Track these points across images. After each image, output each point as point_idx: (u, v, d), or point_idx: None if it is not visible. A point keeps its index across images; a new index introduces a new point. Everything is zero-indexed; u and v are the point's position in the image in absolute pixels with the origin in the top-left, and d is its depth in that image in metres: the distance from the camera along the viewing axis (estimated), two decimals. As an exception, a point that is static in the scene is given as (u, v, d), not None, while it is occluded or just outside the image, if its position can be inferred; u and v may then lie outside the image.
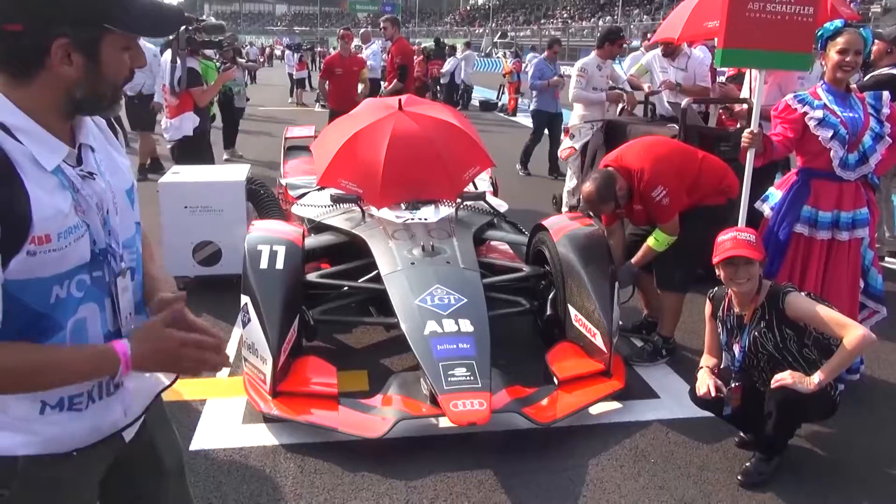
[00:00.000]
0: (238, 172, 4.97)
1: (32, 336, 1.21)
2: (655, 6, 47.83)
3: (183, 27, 5.17)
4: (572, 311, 3.54)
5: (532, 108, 9.32)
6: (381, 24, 8.37)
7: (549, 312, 3.71)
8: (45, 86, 1.21)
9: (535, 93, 9.14)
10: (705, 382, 2.81)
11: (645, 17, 46.33)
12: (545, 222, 3.93)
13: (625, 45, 7.60)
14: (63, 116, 1.26)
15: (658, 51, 6.31)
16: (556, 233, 3.75)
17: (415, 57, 10.86)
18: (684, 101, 4.97)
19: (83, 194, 1.25)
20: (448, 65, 16.82)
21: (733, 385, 2.78)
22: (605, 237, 3.80)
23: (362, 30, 13.53)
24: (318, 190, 5.00)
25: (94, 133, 1.36)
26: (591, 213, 4.11)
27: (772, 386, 2.63)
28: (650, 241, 3.69)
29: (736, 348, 2.87)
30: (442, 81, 17.39)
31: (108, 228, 1.30)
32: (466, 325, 3.15)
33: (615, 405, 3.30)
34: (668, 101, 5.98)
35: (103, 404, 1.34)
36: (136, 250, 1.42)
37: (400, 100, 4.63)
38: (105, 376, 1.29)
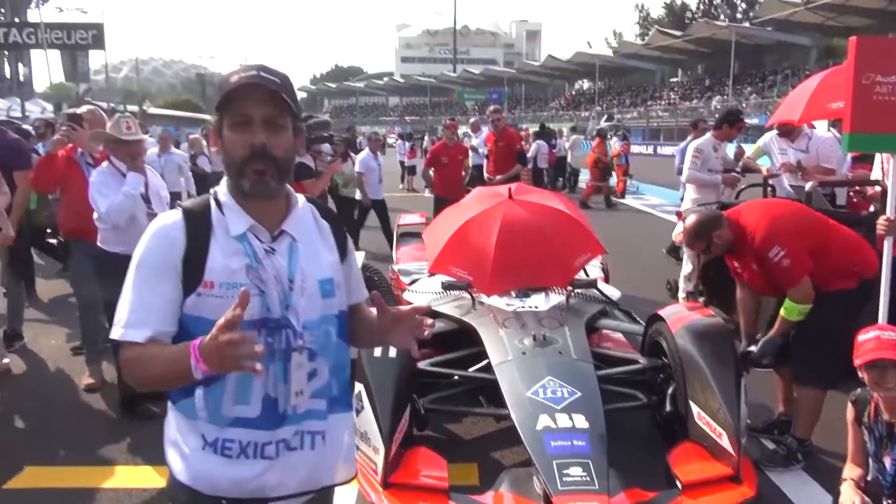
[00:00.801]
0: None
1: None
2: (768, 84, 46.77)
3: None
4: (694, 409, 3.33)
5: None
6: (489, 115, 8.68)
7: (668, 409, 3.51)
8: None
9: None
10: (850, 499, 2.53)
11: (755, 95, 45.33)
12: (662, 312, 3.78)
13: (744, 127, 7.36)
14: (242, 196, 1.52)
15: (774, 132, 6.11)
16: (674, 323, 3.60)
17: (522, 143, 11.06)
18: (809, 184, 4.73)
19: (263, 264, 1.49)
20: (532, 149, 16.72)
21: None
22: (728, 328, 3.60)
23: (472, 119, 14.02)
24: (429, 277, 5.09)
25: (304, 227, 1.59)
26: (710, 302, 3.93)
27: None
28: (782, 311, 3.46)
29: (887, 460, 2.58)
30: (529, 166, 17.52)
31: (288, 303, 1.49)
32: (581, 421, 3.03)
33: (746, 514, 3.03)
34: (789, 184, 5.72)
35: (253, 463, 1.48)
36: (321, 335, 1.55)
37: (510, 188, 4.70)
38: (187, 371, 1.35)
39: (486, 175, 8.78)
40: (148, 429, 4.02)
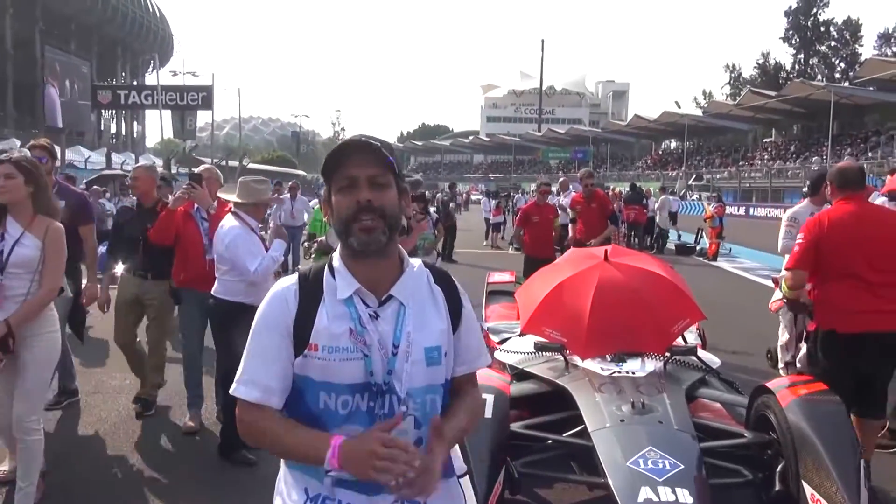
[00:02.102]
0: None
1: (307, 424, 1.52)
2: (870, 146, 44.73)
3: None
4: (808, 489, 3.12)
5: None
6: (581, 178, 8.70)
7: (778, 487, 3.30)
8: None
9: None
10: None
11: (858, 156, 43.37)
12: (770, 384, 3.60)
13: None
14: (352, 256, 1.55)
15: (884, 198, 5.82)
16: (784, 397, 3.41)
17: (613, 205, 10.98)
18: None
19: (367, 328, 1.51)
20: (659, 202, 16.51)
21: None
22: (844, 406, 3.38)
23: (561, 179, 14.10)
24: (520, 336, 5.06)
25: (415, 291, 1.59)
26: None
27: None
28: None
29: None
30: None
31: (391, 369, 1.51)
32: (685, 496, 2.90)
33: None
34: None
35: None
36: (426, 403, 1.55)
37: (606, 250, 4.66)
38: (318, 459, 1.44)
39: (573, 237, 8.58)
40: (245, 475, 4.13)
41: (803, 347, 5.24)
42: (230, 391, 1.54)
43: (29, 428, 3.32)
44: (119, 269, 5.38)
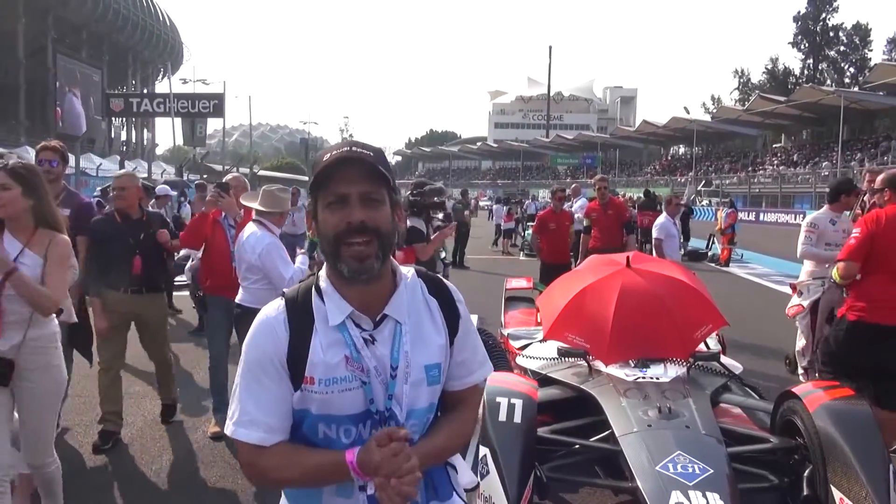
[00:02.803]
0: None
1: None
2: (881, 150, 44.55)
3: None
4: (836, 494, 3.14)
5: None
6: (595, 183, 8.72)
7: (805, 492, 3.32)
8: None
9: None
10: None
11: (868, 161, 43.18)
12: (796, 389, 3.63)
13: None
14: (341, 280, 1.44)
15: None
16: (811, 402, 3.43)
17: (630, 210, 11.00)
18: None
19: (363, 354, 1.42)
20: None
21: None
22: (871, 411, 3.40)
23: (574, 185, 14.13)
24: (541, 342, 5.10)
25: (411, 306, 1.49)
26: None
27: None
28: None
29: None
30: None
31: (391, 392, 1.43)
32: (716, 500, 2.93)
33: None
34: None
35: None
36: (424, 423, 1.50)
37: (628, 257, 4.70)
38: (344, 479, 1.40)
39: (587, 246, 8.36)
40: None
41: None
42: (226, 431, 1.46)
43: (43, 464, 3.09)
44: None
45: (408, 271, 1.55)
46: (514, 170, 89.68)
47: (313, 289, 1.47)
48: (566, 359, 4.53)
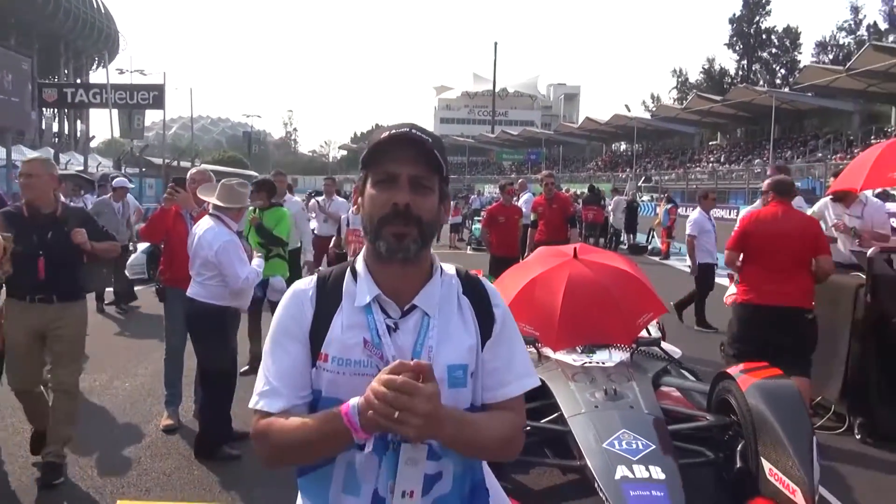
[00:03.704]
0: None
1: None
2: (809, 149, 46.63)
3: None
4: (766, 465, 3.40)
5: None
6: (542, 179, 8.94)
7: (738, 465, 3.58)
8: None
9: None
10: None
11: (798, 159, 45.18)
12: (731, 371, 3.89)
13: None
14: (378, 260, 1.39)
15: (829, 198, 6.23)
16: (743, 382, 3.69)
17: (574, 205, 11.29)
18: (871, 250, 4.84)
19: (383, 341, 1.36)
20: (613, 203, 17.14)
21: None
22: (798, 388, 3.68)
23: (520, 179, 14.39)
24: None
25: (443, 301, 1.42)
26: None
27: None
28: None
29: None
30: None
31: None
32: (658, 473, 3.14)
33: (823, 572, 3.07)
34: (849, 249, 5.81)
35: None
36: None
37: (575, 248, 4.90)
38: (344, 438, 1.27)
39: (534, 240, 8.54)
40: (228, 468, 4.23)
41: None
42: (250, 405, 1.41)
43: None
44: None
45: (449, 268, 1.49)
46: (460, 165, 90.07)
47: (348, 269, 1.45)
48: (517, 346, 4.69)
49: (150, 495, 3.93)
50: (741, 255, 5.00)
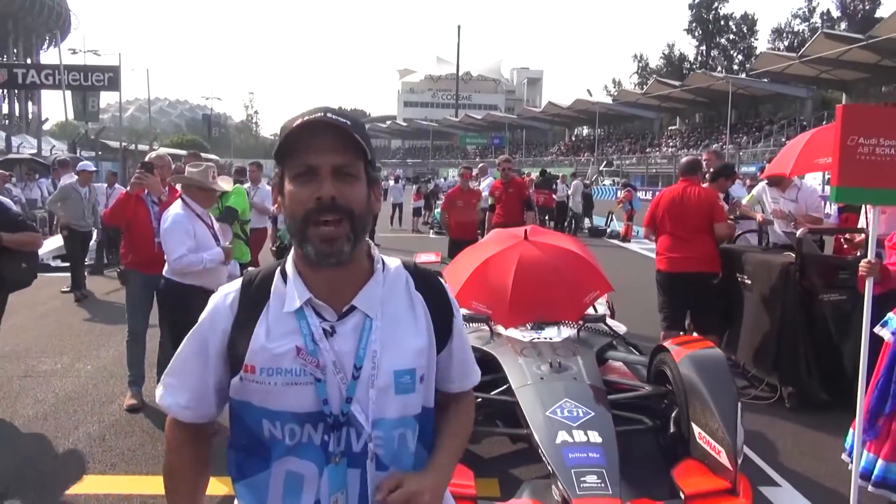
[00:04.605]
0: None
1: (250, 450, 1.32)
2: (764, 133, 47.84)
3: None
4: (696, 429, 3.69)
5: None
6: (499, 164, 9.14)
7: (672, 430, 3.87)
8: None
9: None
10: None
11: (753, 144, 46.34)
12: (666, 344, 4.17)
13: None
14: (308, 263, 1.30)
15: (764, 182, 6.58)
16: (677, 354, 3.98)
17: (529, 190, 11.50)
18: (800, 231, 5.17)
19: (319, 347, 1.26)
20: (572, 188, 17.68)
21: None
22: (726, 358, 3.98)
23: (480, 164, 14.58)
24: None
25: (388, 300, 1.33)
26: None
27: None
28: None
29: None
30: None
31: (350, 395, 1.26)
32: (595, 437, 3.40)
33: (742, 524, 3.36)
34: (782, 231, 6.16)
35: None
36: (394, 439, 1.30)
37: (526, 230, 5.13)
38: None
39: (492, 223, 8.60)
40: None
41: None
42: (156, 394, 1.41)
43: None
44: None
45: (391, 262, 1.39)
46: (423, 149, 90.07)
47: (278, 270, 1.34)
48: (470, 324, 4.92)
49: (116, 470, 4.07)
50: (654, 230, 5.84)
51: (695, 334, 5.39)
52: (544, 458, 3.39)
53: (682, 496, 3.36)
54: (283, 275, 1.33)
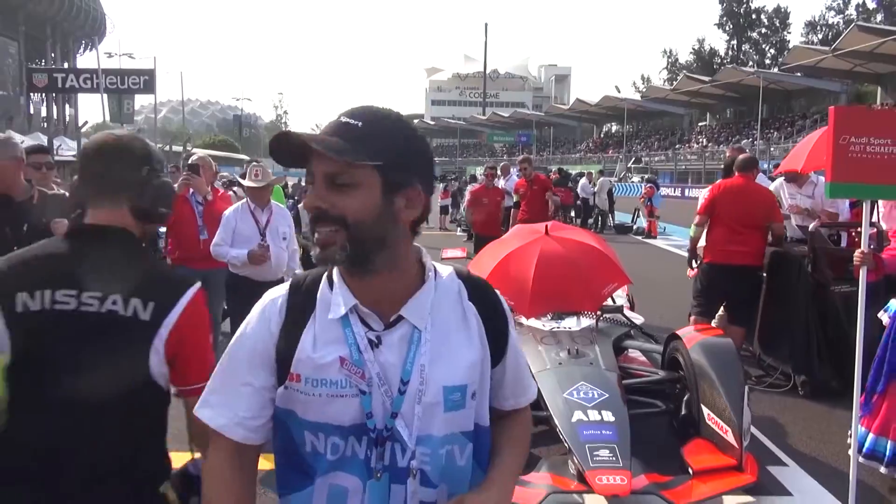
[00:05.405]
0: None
1: (293, 465, 1.27)
2: (797, 129, 47.18)
3: None
4: (705, 411, 3.93)
5: None
6: (519, 164, 9.41)
7: (683, 412, 4.11)
8: None
9: None
10: None
11: (785, 140, 45.74)
12: (679, 332, 4.41)
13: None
14: (348, 271, 1.25)
15: (782, 178, 6.74)
16: (689, 341, 4.22)
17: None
18: (812, 225, 5.36)
19: (364, 358, 1.22)
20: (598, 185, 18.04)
21: None
22: (734, 345, 4.21)
23: (502, 163, 14.82)
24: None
25: (439, 311, 1.27)
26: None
27: None
28: None
29: None
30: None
31: (395, 410, 1.21)
32: (609, 416, 3.66)
33: (748, 498, 3.60)
34: (797, 225, 6.33)
35: None
36: (441, 457, 1.25)
37: (546, 225, 5.39)
38: None
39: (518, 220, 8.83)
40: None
41: None
42: (193, 410, 1.34)
43: None
44: None
45: (444, 269, 1.33)
46: (451, 147, 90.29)
47: (325, 275, 1.29)
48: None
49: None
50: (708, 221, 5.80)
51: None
52: (561, 435, 3.67)
53: (691, 472, 3.62)
54: (330, 280, 1.28)
